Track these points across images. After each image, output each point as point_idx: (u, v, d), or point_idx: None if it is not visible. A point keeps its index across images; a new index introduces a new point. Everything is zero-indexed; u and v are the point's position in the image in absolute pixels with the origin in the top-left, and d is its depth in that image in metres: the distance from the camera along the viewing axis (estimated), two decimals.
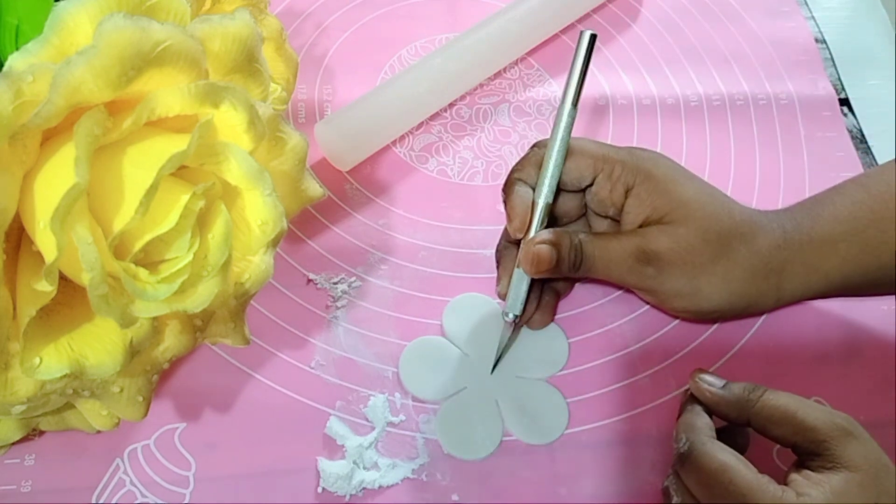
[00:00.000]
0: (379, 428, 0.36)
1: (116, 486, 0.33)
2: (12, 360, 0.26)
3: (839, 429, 0.29)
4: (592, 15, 0.52)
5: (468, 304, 0.39)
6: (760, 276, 0.36)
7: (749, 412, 0.31)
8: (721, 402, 0.31)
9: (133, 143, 0.26)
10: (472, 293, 0.40)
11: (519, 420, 0.36)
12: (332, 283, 0.39)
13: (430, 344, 0.38)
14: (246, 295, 0.30)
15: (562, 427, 0.36)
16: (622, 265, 0.36)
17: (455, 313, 0.39)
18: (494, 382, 0.37)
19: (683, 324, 0.40)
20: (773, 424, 0.30)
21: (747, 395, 0.31)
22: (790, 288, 0.37)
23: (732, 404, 0.31)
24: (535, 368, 0.38)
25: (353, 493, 0.34)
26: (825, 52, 0.53)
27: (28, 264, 0.26)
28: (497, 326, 0.37)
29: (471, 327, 0.38)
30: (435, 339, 0.38)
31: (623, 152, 0.37)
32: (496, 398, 0.37)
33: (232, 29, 0.27)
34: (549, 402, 0.37)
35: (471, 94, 0.48)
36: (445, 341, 0.38)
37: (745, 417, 0.31)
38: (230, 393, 0.36)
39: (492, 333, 0.38)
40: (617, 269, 0.36)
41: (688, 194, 0.36)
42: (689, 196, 0.36)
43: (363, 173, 0.44)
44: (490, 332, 0.38)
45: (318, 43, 0.49)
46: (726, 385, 0.32)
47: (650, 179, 0.36)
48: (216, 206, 0.27)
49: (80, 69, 0.23)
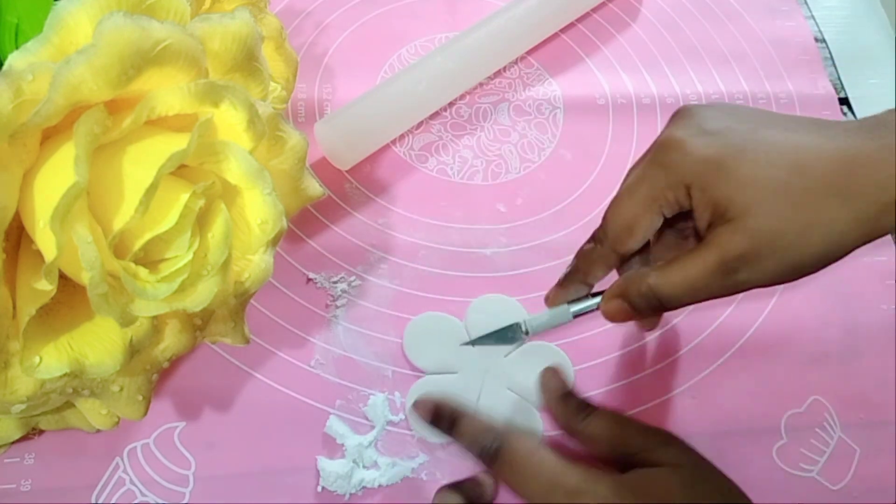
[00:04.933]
0: (379, 427, 0.36)
1: (116, 485, 0.33)
2: (12, 359, 0.26)
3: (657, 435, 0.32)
4: (592, 14, 0.52)
5: (493, 305, 0.39)
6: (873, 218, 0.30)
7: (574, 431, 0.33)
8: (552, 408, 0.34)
9: (133, 142, 0.26)
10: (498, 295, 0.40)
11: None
12: (332, 282, 0.39)
13: (442, 320, 0.38)
14: (246, 294, 0.30)
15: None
16: (712, 287, 0.31)
17: (479, 309, 0.39)
18: (486, 382, 0.37)
19: (683, 323, 0.40)
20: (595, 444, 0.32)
21: (575, 415, 0.33)
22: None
23: (560, 416, 0.34)
24: (529, 393, 0.37)
25: (353, 492, 0.34)
26: (825, 51, 0.53)
27: (28, 263, 0.26)
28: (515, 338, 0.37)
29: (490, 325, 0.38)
30: (449, 318, 0.39)
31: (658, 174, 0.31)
32: (480, 395, 0.37)
33: (232, 28, 0.27)
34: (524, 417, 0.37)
35: (470, 93, 0.48)
36: (459, 322, 0.38)
37: (571, 432, 0.33)
38: (230, 392, 0.36)
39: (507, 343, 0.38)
40: (708, 292, 0.31)
41: (744, 170, 0.30)
42: (745, 172, 0.30)
43: (363, 172, 0.44)
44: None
45: (317, 42, 0.49)
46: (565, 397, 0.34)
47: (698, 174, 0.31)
48: (216, 205, 0.27)
49: (80, 68, 0.23)
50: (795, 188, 0.29)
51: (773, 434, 0.38)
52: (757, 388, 0.39)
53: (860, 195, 0.29)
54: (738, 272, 0.30)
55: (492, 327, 0.37)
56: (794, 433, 0.38)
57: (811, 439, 0.38)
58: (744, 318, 0.41)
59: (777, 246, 0.30)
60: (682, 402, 0.38)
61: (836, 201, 0.29)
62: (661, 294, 0.31)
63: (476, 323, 0.38)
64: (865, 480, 0.37)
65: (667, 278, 0.31)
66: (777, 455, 0.37)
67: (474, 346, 0.37)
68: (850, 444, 0.38)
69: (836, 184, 0.29)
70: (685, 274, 0.30)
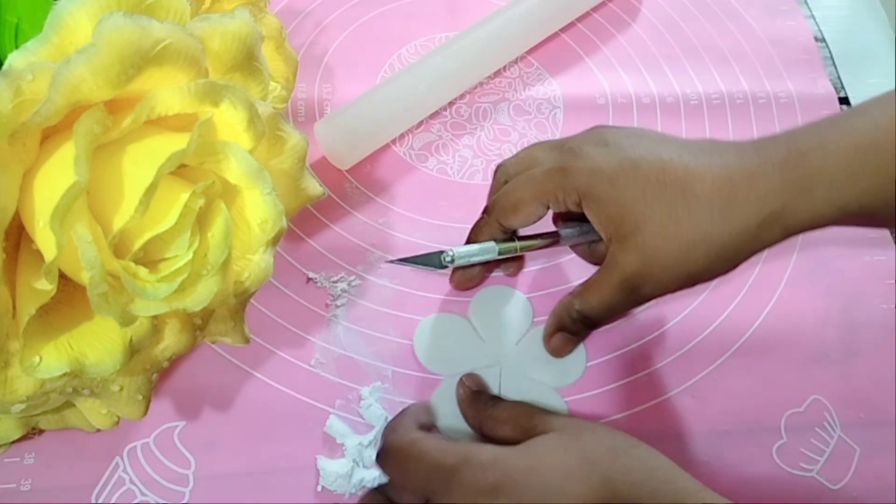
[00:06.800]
0: (378, 427, 0.36)
1: (116, 485, 0.33)
2: (12, 358, 0.26)
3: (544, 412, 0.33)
4: (592, 14, 0.52)
5: (495, 296, 0.40)
6: (757, 228, 0.32)
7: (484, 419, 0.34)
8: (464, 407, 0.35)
9: (133, 141, 0.26)
10: (500, 285, 0.40)
11: None
12: (332, 281, 0.39)
13: (449, 320, 0.39)
14: (245, 293, 0.30)
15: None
16: (626, 303, 0.34)
17: (481, 303, 0.39)
18: (503, 375, 0.37)
19: (683, 322, 0.40)
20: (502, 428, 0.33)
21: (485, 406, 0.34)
22: (797, 224, 0.32)
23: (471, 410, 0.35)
24: (545, 374, 0.38)
25: (353, 492, 0.34)
26: (825, 50, 0.53)
27: (28, 263, 0.26)
28: (522, 317, 0.39)
29: (495, 317, 0.39)
30: (456, 318, 0.39)
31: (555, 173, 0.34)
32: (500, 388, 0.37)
33: (231, 27, 0.27)
34: (546, 401, 0.37)
35: (470, 92, 0.48)
36: (466, 321, 0.39)
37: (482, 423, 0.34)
38: (230, 391, 0.36)
39: (516, 326, 0.39)
40: (625, 307, 0.34)
41: (634, 188, 0.32)
42: (635, 191, 0.32)
43: (363, 172, 0.44)
44: (514, 324, 0.39)
45: (317, 41, 0.48)
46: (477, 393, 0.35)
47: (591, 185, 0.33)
48: (216, 205, 0.27)
49: (80, 68, 0.23)
50: (680, 208, 0.32)
51: (773, 434, 0.38)
52: (757, 387, 0.39)
53: (741, 210, 0.32)
54: (640, 288, 0.33)
55: (497, 318, 0.38)
56: (793, 433, 0.38)
57: (811, 439, 0.38)
58: (744, 318, 0.41)
59: (665, 263, 0.32)
60: (682, 401, 0.38)
61: (718, 218, 0.32)
62: (588, 315, 0.34)
63: (481, 314, 0.39)
64: (865, 480, 0.37)
65: (587, 303, 0.34)
66: (777, 455, 0.37)
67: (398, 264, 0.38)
68: (849, 443, 0.38)
69: (718, 201, 0.32)
70: (600, 296, 0.34)
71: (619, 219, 0.32)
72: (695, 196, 0.32)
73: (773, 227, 0.32)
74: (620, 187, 0.32)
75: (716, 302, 0.41)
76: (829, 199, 0.31)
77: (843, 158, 0.31)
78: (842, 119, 0.33)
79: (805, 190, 0.31)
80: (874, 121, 0.32)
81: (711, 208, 0.32)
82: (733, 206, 0.31)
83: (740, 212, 0.31)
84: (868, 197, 0.31)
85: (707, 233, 0.32)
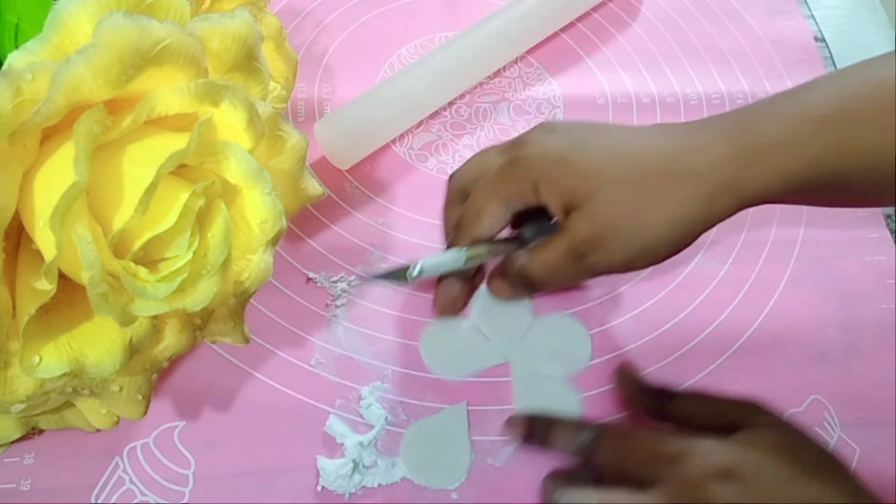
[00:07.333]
0: (378, 426, 0.36)
1: (116, 485, 0.33)
2: (12, 358, 0.26)
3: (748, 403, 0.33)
4: (592, 13, 0.52)
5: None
6: (709, 197, 0.32)
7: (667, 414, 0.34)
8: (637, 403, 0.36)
9: (132, 141, 0.26)
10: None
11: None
12: (332, 281, 0.39)
13: (453, 325, 0.39)
14: (245, 293, 0.30)
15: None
16: (568, 270, 0.33)
17: (482, 303, 0.39)
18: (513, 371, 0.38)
19: (683, 322, 0.40)
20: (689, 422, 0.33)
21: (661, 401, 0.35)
22: (749, 195, 0.32)
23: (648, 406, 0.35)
24: (555, 365, 0.38)
25: (353, 492, 0.34)
26: (824, 50, 0.53)
27: (28, 263, 0.26)
28: (524, 311, 0.39)
29: (498, 315, 0.39)
30: (458, 321, 0.39)
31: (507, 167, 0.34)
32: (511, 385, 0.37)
33: (231, 27, 0.27)
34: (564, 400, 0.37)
35: (470, 92, 0.48)
36: (469, 323, 0.39)
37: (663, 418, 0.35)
38: (230, 391, 0.36)
39: (518, 321, 0.39)
40: (565, 276, 0.34)
41: (585, 160, 0.32)
42: (587, 163, 0.32)
43: (363, 172, 0.44)
44: (517, 319, 0.39)
45: (317, 41, 0.48)
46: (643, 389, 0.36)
47: (543, 167, 0.33)
48: (216, 205, 0.27)
49: (80, 67, 0.23)
50: (633, 174, 0.32)
51: None
52: (756, 387, 0.39)
53: (693, 176, 0.32)
54: (587, 256, 0.32)
55: (500, 316, 0.39)
56: None
57: None
58: (744, 318, 0.41)
59: (619, 229, 0.32)
60: None
61: (671, 184, 0.32)
62: (528, 274, 0.34)
63: (484, 314, 0.39)
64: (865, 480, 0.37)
65: (532, 261, 0.34)
66: None
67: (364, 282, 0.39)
68: (849, 443, 0.38)
69: (670, 169, 0.32)
70: (544, 257, 0.33)
71: (571, 192, 0.32)
72: (647, 166, 0.32)
73: (725, 197, 0.32)
74: (572, 163, 0.32)
75: (716, 302, 0.41)
76: (778, 169, 0.31)
77: (791, 128, 0.32)
78: (791, 93, 0.33)
79: (754, 159, 0.32)
80: (823, 94, 0.32)
81: (663, 178, 0.32)
82: (685, 176, 0.32)
83: (691, 181, 0.32)
84: (817, 168, 0.31)
85: (660, 202, 0.32)
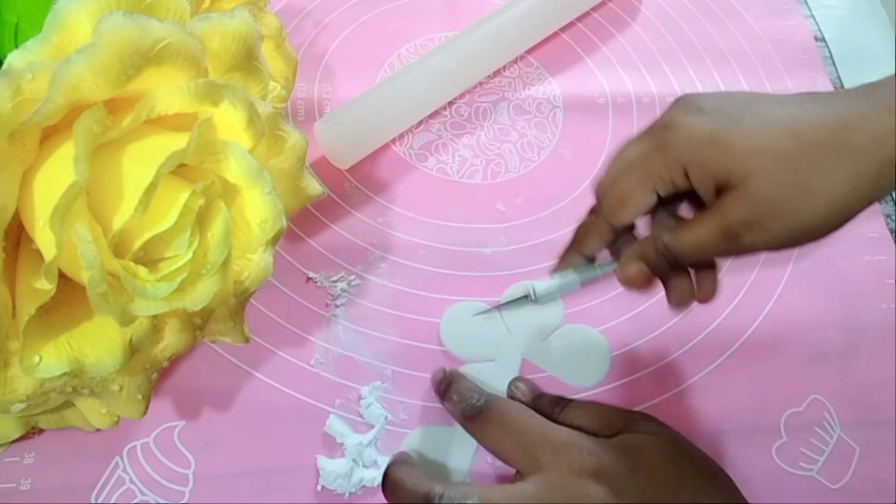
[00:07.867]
0: (378, 426, 0.36)
1: (116, 485, 0.33)
2: (12, 358, 0.26)
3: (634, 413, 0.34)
4: (592, 13, 0.52)
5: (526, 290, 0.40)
6: (875, 175, 0.30)
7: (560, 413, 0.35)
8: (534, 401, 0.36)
9: (132, 141, 0.26)
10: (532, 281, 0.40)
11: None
12: (332, 281, 0.39)
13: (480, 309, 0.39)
14: (245, 293, 0.30)
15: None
16: (719, 249, 0.31)
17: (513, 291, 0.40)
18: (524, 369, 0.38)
19: (683, 322, 0.40)
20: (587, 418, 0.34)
21: (551, 409, 0.35)
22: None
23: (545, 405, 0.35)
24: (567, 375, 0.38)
25: (353, 492, 0.34)
26: (825, 50, 0.53)
27: (27, 262, 0.26)
28: (553, 315, 0.39)
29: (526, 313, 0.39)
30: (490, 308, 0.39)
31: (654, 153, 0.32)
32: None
33: (231, 27, 0.27)
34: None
35: (470, 92, 0.48)
36: (496, 312, 0.39)
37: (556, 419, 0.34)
38: (229, 391, 0.36)
39: (545, 323, 0.39)
40: (716, 253, 0.32)
41: (740, 140, 0.30)
42: (742, 142, 0.30)
43: (362, 171, 0.44)
44: (544, 321, 0.39)
45: (317, 41, 0.48)
46: (538, 397, 0.36)
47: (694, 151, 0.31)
48: (215, 205, 0.27)
49: (80, 67, 0.23)
50: (793, 152, 0.30)
51: (773, 433, 0.38)
52: (756, 387, 0.39)
53: (858, 153, 0.30)
54: (743, 237, 0.30)
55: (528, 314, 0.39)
56: (793, 432, 0.38)
57: (811, 438, 0.38)
58: (744, 318, 0.41)
59: (780, 210, 0.30)
60: (682, 401, 0.38)
61: (835, 161, 0.30)
62: (675, 250, 0.32)
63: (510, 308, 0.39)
64: (865, 480, 0.37)
65: (678, 239, 0.32)
66: (777, 454, 0.37)
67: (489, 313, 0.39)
68: (849, 443, 0.38)
69: (833, 144, 0.30)
70: (694, 235, 0.31)
71: (726, 173, 0.30)
72: (809, 142, 0.30)
73: (892, 173, 0.30)
74: (725, 144, 0.30)
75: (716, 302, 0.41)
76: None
77: None
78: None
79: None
80: None
81: (827, 153, 0.30)
82: (851, 150, 0.30)
83: (857, 156, 0.29)
84: None
85: (823, 181, 0.30)
